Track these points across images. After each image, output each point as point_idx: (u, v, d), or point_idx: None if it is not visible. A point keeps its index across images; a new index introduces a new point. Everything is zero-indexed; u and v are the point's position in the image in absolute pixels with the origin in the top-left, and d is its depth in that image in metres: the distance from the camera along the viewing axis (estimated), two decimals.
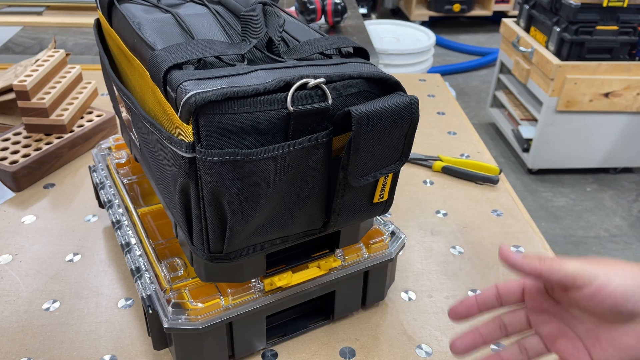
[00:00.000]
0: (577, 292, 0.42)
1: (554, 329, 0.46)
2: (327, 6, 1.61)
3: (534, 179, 2.38)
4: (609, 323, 0.42)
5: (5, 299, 0.69)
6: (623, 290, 0.40)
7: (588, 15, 2.03)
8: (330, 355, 0.63)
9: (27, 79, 0.90)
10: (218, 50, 0.48)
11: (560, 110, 2.13)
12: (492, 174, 0.95)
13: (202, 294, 0.57)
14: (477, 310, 0.48)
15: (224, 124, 0.42)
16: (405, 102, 0.47)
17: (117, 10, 0.60)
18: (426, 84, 1.30)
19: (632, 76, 2.07)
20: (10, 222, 0.82)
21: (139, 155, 0.64)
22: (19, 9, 1.71)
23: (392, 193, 0.55)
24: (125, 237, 0.66)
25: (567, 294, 0.44)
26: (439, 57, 3.55)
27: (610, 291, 0.40)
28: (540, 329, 0.46)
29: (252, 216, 0.47)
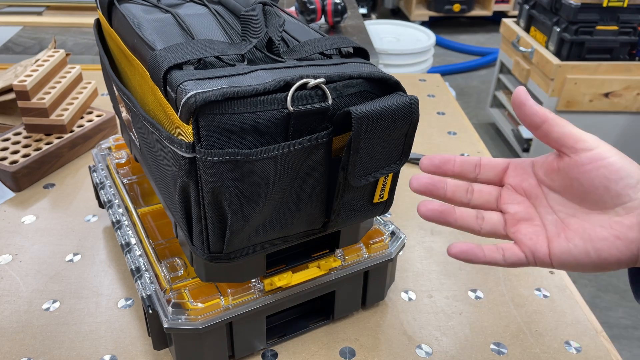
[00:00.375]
0: (575, 154, 0.40)
1: (522, 211, 0.44)
2: (327, 6, 1.61)
3: None
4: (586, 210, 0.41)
5: (5, 299, 0.69)
6: (621, 166, 0.40)
7: (588, 15, 2.03)
8: (330, 355, 0.63)
9: (27, 79, 0.90)
10: (218, 50, 0.48)
11: (560, 110, 2.13)
12: None
13: (202, 294, 0.57)
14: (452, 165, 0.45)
15: (224, 124, 0.42)
16: (406, 102, 0.47)
17: (117, 10, 0.60)
18: (426, 84, 1.30)
19: (632, 76, 2.07)
20: (10, 222, 0.82)
21: (139, 155, 0.64)
22: (19, 9, 1.71)
23: (392, 193, 0.55)
24: (125, 237, 0.66)
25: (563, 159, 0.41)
26: (439, 57, 3.55)
27: (610, 162, 0.39)
28: (508, 207, 0.44)
29: (252, 216, 0.47)
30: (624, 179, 0.39)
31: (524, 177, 0.44)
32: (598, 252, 0.40)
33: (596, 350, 0.65)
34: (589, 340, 0.66)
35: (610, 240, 0.39)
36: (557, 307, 0.71)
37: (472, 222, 0.44)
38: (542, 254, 0.42)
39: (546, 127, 0.41)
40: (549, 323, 0.68)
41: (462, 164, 0.45)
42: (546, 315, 0.69)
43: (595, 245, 0.40)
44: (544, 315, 0.69)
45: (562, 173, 0.42)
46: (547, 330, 0.67)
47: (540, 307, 0.70)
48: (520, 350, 0.64)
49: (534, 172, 0.44)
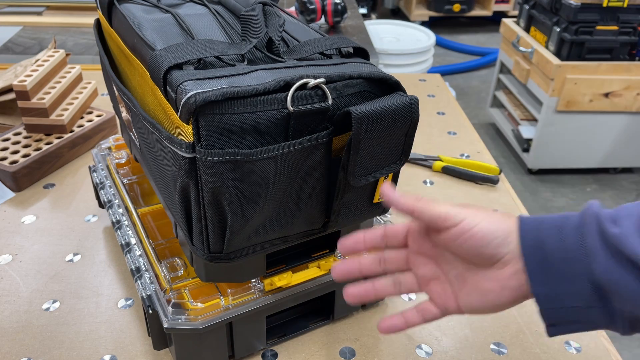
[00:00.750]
0: (446, 232, 0.45)
1: (429, 272, 0.48)
2: (327, 6, 1.61)
3: (534, 179, 2.38)
4: (475, 267, 0.45)
5: (5, 299, 0.69)
6: (485, 232, 0.43)
7: (588, 15, 2.03)
8: (330, 355, 0.63)
9: (27, 79, 0.90)
10: (218, 50, 0.48)
11: (560, 110, 2.13)
12: (492, 174, 0.95)
13: (202, 294, 0.57)
14: (363, 245, 0.50)
15: (224, 124, 0.42)
16: (405, 102, 0.47)
17: (117, 10, 0.60)
18: (426, 84, 1.30)
19: (632, 76, 2.07)
20: (10, 222, 0.82)
21: (139, 155, 0.64)
22: (19, 9, 1.71)
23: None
24: (125, 237, 0.66)
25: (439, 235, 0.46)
26: (439, 57, 3.55)
27: (474, 232, 0.43)
28: (416, 269, 0.49)
29: (252, 216, 0.47)
30: (491, 241, 0.43)
31: (421, 242, 0.49)
32: (491, 302, 0.45)
33: (596, 350, 0.65)
34: (589, 340, 0.66)
35: (497, 291, 0.44)
36: None
37: (391, 290, 0.49)
38: (452, 308, 0.47)
39: (417, 215, 0.46)
40: None
41: (370, 239, 0.50)
42: None
43: (487, 297, 0.45)
44: None
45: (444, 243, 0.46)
46: None
47: None
48: (520, 350, 0.64)
49: (429, 237, 0.48)
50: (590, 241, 0.41)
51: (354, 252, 0.50)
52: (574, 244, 0.41)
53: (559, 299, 0.42)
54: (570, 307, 0.42)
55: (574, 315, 0.42)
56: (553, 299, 0.42)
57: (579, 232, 0.42)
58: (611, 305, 0.41)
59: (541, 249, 0.42)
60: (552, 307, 0.43)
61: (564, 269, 0.41)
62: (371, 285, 0.49)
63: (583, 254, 0.41)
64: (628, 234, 0.39)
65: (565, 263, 0.41)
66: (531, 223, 0.44)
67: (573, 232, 0.42)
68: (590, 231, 0.41)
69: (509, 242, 0.43)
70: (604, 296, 0.41)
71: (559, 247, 0.42)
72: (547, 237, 0.42)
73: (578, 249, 0.41)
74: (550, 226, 0.43)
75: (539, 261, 0.42)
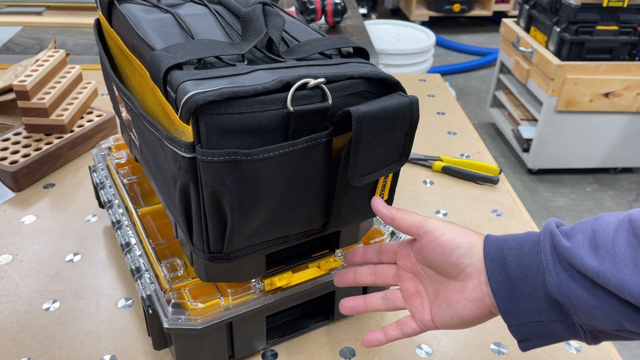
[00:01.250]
0: (420, 239, 0.49)
1: (412, 287, 0.52)
2: (327, 6, 1.61)
3: (534, 179, 2.38)
4: (446, 281, 0.49)
5: (5, 299, 0.69)
6: (450, 241, 0.47)
7: (588, 15, 2.03)
8: (330, 355, 0.63)
9: (27, 79, 0.90)
10: (218, 50, 0.48)
11: (560, 110, 2.13)
12: (492, 174, 0.95)
13: (202, 294, 0.57)
14: (360, 259, 0.56)
15: (224, 124, 0.42)
16: (405, 102, 0.47)
17: (117, 10, 0.60)
18: (426, 84, 1.30)
19: (632, 76, 2.07)
20: (10, 222, 0.82)
21: (139, 155, 0.64)
22: (19, 9, 1.71)
23: (392, 193, 0.55)
24: (125, 237, 0.66)
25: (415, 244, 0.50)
26: (439, 57, 3.55)
27: (441, 240, 0.47)
28: (401, 284, 0.53)
29: (252, 216, 0.47)
30: (455, 250, 0.47)
31: (407, 258, 0.53)
32: (458, 314, 0.47)
33: (596, 351, 0.65)
34: None
35: (462, 303, 0.47)
36: None
37: (380, 304, 0.54)
38: (427, 322, 0.50)
39: (396, 224, 0.50)
40: None
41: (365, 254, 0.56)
42: None
43: (454, 309, 0.47)
44: None
45: (420, 254, 0.50)
46: None
47: None
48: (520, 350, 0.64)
49: (412, 252, 0.52)
50: (544, 257, 0.43)
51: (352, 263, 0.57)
52: (531, 260, 0.43)
53: (523, 315, 0.44)
54: (534, 323, 0.44)
55: (540, 330, 0.44)
56: (518, 316, 0.44)
57: (536, 249, 0.44)
58: (569, 318, 0.42)
59: (503, 267, 0.45)
60: (518, 324, 0.44)
61: (524, 286, 0.43)
62: (362, 301, 0.54)
63: (539, 270, 0.43)
64: (578, 247, 0.41)
65: (524, 280, 0.43)
66: (495, 242, 0.46)
67: (530, 249, 0.44)
68: (544, 247, 0.43)
69: (472, 255, 0.46)
70: (561, 310, 0.42)
71: (519, 264, 0.44)
72: (509, 256, 0.45)
73: (535, 265, 0.43)
74: (512, 245, 0.45)
75: (502, 280, 0.44)
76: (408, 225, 0.49)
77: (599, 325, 0.41)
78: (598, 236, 0.41)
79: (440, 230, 0.48)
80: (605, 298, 0.40)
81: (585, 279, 0.40)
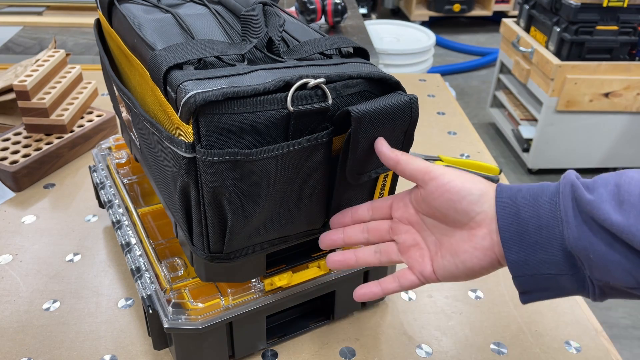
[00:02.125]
0: (425, 185, 0.46)
1: (409, 239, 0.49)
2: (327, 6, 1.61)
3: (534, 179, 2.38)
4: (451, 230, 0.46)
5: (6, 299, 0.69)
6: (460, 188, 0.45)
7: (588, 15, 2.03)
8: (330, 355, 0.63)
9: (27, 79, 0.90)
10: (218, 50, 0.48)
11: (560, 110, 2.13)
12: (492, 174, 0.95)
13: (202, 294, 0.57)
14: (350, 219, 0.52)
15: (224, 124, 0.42)
16: (405, 101, 0.47)
17: (117, 10, 0.60)
18: (426, 84, 1.30)
19: (632, 76, 2.07)
20: (10, 222, 0.82)
21: (139, 155, 0.64)
22: (19, 9, 1.71)
23: (392, 192, 0.55)
24: (125, 237, 0.66)
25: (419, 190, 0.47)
26: (439, 57, 3.55)
27: (450, 186, 0.45)
28: (397, 237, 0.50)
29: (252, 216, 0.47)
30: (465, 197, 0.44)
31: (405, 209, 0.50)
32: (464, 263, 0.45)
33: (596, 350, 0.65)
34: (589, 340, 0.66)
35: (470, 251, 0.45)
36: (557, 307, 0.71)
37: (372, 258, 0.51)
38: (428, 273, 0.48)
39: (400, 167, 0.47)
40: (549, 323, 0.68)
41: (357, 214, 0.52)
42: (546, 315, 0.69)
43: (460, 258, 0.45)
44: (544, 315, 0.69)
45: (424, 201, 0.47)
46: (547, 330, 0.67)
47: (540, 307, 0.70)
48: (520, 350, 0.64)
49: (411, 203, 0.50)
50: (564, 208, 0.41)
51: (340, 224, 0.52)
52: (548, 211, 0.42)
53: (532, 267, 0.42)
54: (543, 275, 0.42)
55: (546, 283, 0.43)
56: (526, 267, 0.43)
57: (554, 200, 0.42)
58: (581, 272, 0.41)
59: (516, 216, 0.43)
60: (525, 275, 0.43)
61: (538, 237, 0.42)
62: (352, 253, 0.51)
63: (556, 221, 0.41)
64: (601, 200, 0.39)
65: (538, 231, 0.42)
66: (508, 191, 0.44)
67: (548, 200, 0.42)
68: (564, 199, 0.41)
69: (482, 202, 0.44)
70: (574, 263, 0.41)
71: (534, 215, 0.42)
72: (523, 206, 0.43)
73: (552, 216, 0.41)
74: (527, 195, 0.43)
75: (514, 229, 0.43)
76: (413, 170, 0.46)
77: (613, 282, 0.40)
78: (623, 190, 0.39)
79: (448, 176, 0.45)
80: (626, 254, 0.39)
81: (606, 233, 0.39)
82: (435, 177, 0.45)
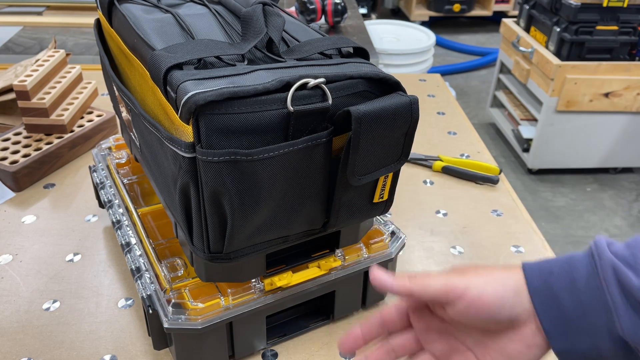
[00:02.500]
0: (452, 307, 0.42)
1: (445, 346, 0.45)
2: (327, 6, 1.61)
3: (534, 179, 2.38)
4: (492, 334, 0.43)
5: (6, 299, 0.69)
6: (493, 298, 0.41)
7: (588, 15, 2.03)
8: (330, 355, 0.63)
9: (27, 79, 0.90)
10: (218, 50, 0.48)
11: (560, 110, 2.13)
12: (492, 174, 0.95)
13: (202, 294, 0.57)
14: (362, 341, 0.46)
15: (224, 124, 0.42)
16: (405, 101, 0.47)
17: (117, 10, 0.60)
18: (426, 84, 1.30)
19: (632, 76, 2.07)
20: (10, 222, 0.82)
21: (139, 155, 0.64)
22: (19, 9, 1.71)
23: (392, 193, 0.55)
24: (125, 237, 0.66)
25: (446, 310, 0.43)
26: (439, 57, 3.55)
27: (483, 301, 0.41)
28: (431, 347, 0.45)
29: (252, 216, 0.47)
30: (503, 305, 0.41)
31: (427, 319, 0.46)
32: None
33: None
34: None
35: (524, 352, 0.42)
36: None
37: None
38: None
39: (416, 297, 0.43)
40: None
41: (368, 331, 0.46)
42: None
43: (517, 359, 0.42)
44: None
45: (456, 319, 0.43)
46: None
47: None
48: None
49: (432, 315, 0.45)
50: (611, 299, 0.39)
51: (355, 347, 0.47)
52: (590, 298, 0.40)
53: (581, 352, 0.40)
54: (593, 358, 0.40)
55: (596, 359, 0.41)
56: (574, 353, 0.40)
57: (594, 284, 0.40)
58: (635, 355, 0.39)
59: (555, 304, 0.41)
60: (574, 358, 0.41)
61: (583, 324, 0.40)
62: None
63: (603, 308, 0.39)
64: None
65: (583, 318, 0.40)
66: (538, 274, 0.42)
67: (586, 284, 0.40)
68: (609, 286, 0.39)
69: (521, 301, 0.41)
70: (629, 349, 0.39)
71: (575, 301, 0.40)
72: (560, 291, 0.40)
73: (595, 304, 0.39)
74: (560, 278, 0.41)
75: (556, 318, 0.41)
76: (433, 295, 0.42)
77: None
78: None
79: (474, 289, 0.41)
80: None
81: None
82: (462, 294, 0.41)
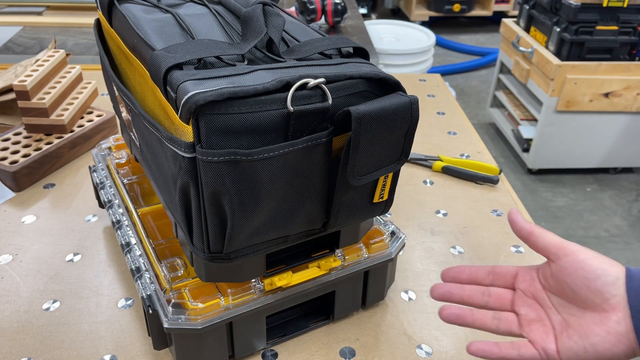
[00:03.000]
0: (558, 261, 0.46)
1: (532, 313, 0.49)
2: (327, 6, 1.61)
3: (534, 179, 2.38)
4: (580, 312, 0.45)
5: (6, 299, 0.69)
6: (597, 266, 0.44)
7: (588, 15, 2.03)
8: (330, 355, 0.63)
9: (27, 79, 0.90)
10: (218, 50, 0.48)
11: (560, 110, 2.13)
12: (492, 174, 0.95)
13: (202, 294, 0.57)
14: (467, 276, 0.52)
15: (224, 124, 0.42)
16: (405, 101, 0.47)
17: (117, 10, 0.60)
18: (426, 84, 1.30)
19: (632, 76, 2.07)
20: (10, 222, 0.82)
21: (139, 155, 0.64)
22: (19, 9, 1.71)
23: (392, 193, 0.55)
24: (125, 237, 0.66)
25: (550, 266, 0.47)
26: (439, 57, 3.55)
27: (586, 264, 0.44)
28: (520, 309, 0.49)
29: (252, 216, 0.47)
30: (601, 277, 0.44)
31: (531, 282, 0.50)
32: (594, 347, 0.44)
33: None
34: None
35: (602, 335, 0.44)
36: None
37: (489, 322, 0.50)
38: (551, 352, 0.46)
39: (533, 239, 0.48)
40: None
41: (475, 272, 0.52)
42: None
43: (591, 341, 0.44)
44: None
45: (554, 278, 0.47)
46: None
47: None
48: None
49: (538, 277, 0.49)
50: None
51: (455, 280, 0.52)
52: None
53: None
54: None
55: None
56: None
57: None
58: None
59: None
60: None
61: None
62: (470, 312, 0.50)
63: None
64: None
65: None
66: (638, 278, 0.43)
67: None
68: None
69: (619, 286, 0.43)
70: None
71: None
72: None
73: None
74: None
75: None
76: (547, 244, 0.47)
77: None
78: None
79: (584, 253, 0.45)
80: None
81: None
82: (571, 253, 0.45)
